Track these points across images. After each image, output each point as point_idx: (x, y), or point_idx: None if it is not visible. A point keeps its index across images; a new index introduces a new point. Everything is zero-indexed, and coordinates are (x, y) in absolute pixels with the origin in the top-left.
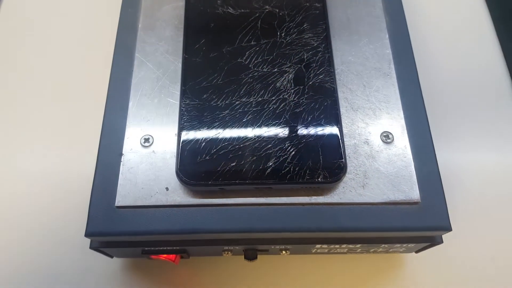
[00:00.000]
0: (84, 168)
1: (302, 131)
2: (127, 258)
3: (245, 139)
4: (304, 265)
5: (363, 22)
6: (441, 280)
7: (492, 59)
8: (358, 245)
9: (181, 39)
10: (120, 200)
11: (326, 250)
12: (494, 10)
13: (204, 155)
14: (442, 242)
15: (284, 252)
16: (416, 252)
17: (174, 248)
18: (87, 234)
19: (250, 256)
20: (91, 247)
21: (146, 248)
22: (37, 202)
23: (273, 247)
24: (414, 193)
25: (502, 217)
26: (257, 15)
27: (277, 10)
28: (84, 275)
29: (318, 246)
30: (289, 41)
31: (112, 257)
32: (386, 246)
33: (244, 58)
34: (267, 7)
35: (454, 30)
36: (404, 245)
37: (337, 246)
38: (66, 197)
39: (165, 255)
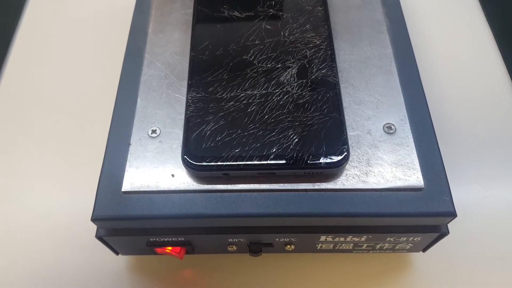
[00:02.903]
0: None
1: (305, 120)
2: (132, 255)
3: (249, 127)
4: (309, 265)
5: (365, 26)
6: (448, 282)
7: (494, 67)
8: (363, 238)
9: (189, 41)
10: (126, 186)
11: (331, 246)
12: (492, 19)
13: (209, 142)
14: (448, 232)
15: (288, 246)
16: (423, 250)
17: (179, 239)
18: (93, 219)
19: (255, 249)
20: (96, 236)
21: (151, 239)
22: (43, 208)
23: (277, 239)
24: (417, 180)
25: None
26: (262, 17)
27: (280, 13)
28: (90, 275)
29: (323, 238)
30: (292, 40)
31: (118, 253)
32: (391, 240)
33: (249, 55)
34: (271, 10)
35: (455, 44)
36: (410, 238)
37: (342, 239)
38: (72, 199)
39: (170, 249)
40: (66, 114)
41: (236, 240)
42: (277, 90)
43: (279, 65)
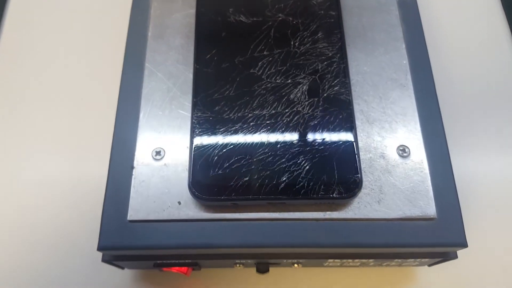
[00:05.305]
0: (94, 175)
1: (317, 145)
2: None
3: (258, 153)
4: (315, 278)
5: (379, 31)
6: None
7: (510, 67)
8: (371, 260)
9: (191, 48)
10: (132, 214)
11: (339, 264)
12: None
13: (216, 169)
14: (456, 257)
15: (296, 265)
16: (429, 265)
17: (186, 261)
18: (99, 248)
19: (262, 269)
20: (103, 260)
21: (158, 261)
22: (47, 211)
23: (285, 261)
24: (430, 209)
25: None
26: (270, 23)
27: (290, 19)
28: (94, 286)
29: (330, 260)
30: (303, 50)
31: (123, 268)
32: (399, 260)
33: (257, 68)
34: (280, 15)
35: (471, 38)
36: (418, 260)
37: (350, 260)
38: (77, 206)
39: (176, 268)
40: (65, 125)
41: (244, 261)
42: (287, 110)
43: (289, 81)
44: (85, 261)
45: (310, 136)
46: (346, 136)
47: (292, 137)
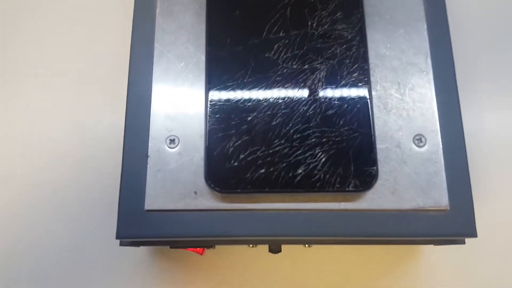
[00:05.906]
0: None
1: (333, 136)
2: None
3: (273, 143)
4: (324, 255)
5: (400, 10)
6: (458, 271)
7: None
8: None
9: (202, 26)
10: (149, 204)
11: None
12: None
13: (232, 161)
14: (464, 243)
15: (307, 245)
16: (435, 244)
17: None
18: (118, 237)
19: (275, 250)
20: (121, 245)
21: (174, 244)
22: (62, 181)
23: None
24: (443, 200)
25: None
26: (286, 1)
27: None
28: (111, 262)
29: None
30: (321, 32)
31: (139, 246)
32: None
33: (272, 52)
34: None
35: (496, 15)
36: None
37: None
38: (92, 184)
39: (191, 248)
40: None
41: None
42: (303, 99)
43: (306, 66)
44: (102, 236)
45: (327, 127)
46: (364, 128)
47: (308, 126)
